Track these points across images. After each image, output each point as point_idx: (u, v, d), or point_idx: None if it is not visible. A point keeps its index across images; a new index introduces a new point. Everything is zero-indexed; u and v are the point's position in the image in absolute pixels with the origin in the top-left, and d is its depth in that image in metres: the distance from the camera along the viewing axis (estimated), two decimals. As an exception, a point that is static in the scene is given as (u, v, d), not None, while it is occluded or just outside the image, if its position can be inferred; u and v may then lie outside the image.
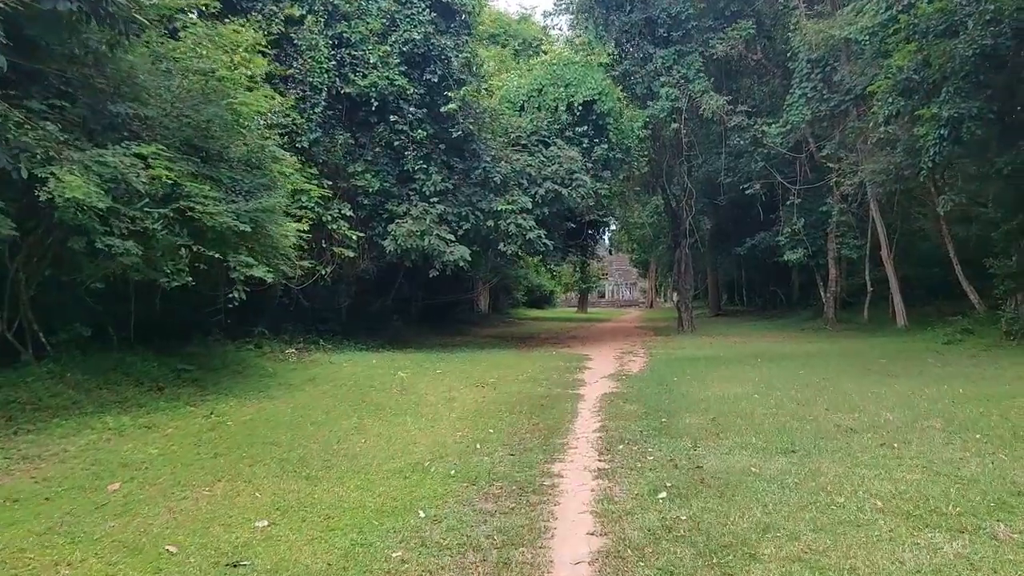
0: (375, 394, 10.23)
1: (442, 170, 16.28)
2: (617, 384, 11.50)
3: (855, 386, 10.19)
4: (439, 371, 13.15)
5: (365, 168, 15.37)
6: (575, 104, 18.74)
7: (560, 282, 65.24)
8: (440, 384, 11.44)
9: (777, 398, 9.29)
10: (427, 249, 15.20)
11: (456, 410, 9.16)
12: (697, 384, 10.99)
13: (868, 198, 20.45)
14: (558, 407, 9.25)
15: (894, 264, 20.58)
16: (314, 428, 7.86)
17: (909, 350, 15.64)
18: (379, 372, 12.53)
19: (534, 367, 14.00)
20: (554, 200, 17.77)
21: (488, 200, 16.85)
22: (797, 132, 20.36)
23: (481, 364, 14.48)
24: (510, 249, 16.94)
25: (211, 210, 8.61)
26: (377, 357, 14.97)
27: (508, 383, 11.60)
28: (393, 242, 15.08)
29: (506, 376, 12.51)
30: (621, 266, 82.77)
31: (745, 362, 14.02)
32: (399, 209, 15.60)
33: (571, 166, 17.69)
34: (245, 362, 12.47)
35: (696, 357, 15.50)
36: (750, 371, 12.54)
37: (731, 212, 31.93)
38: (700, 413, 8.44)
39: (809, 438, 6.87)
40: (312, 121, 14.52)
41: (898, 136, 15.53)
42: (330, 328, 17.90)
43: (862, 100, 18.92)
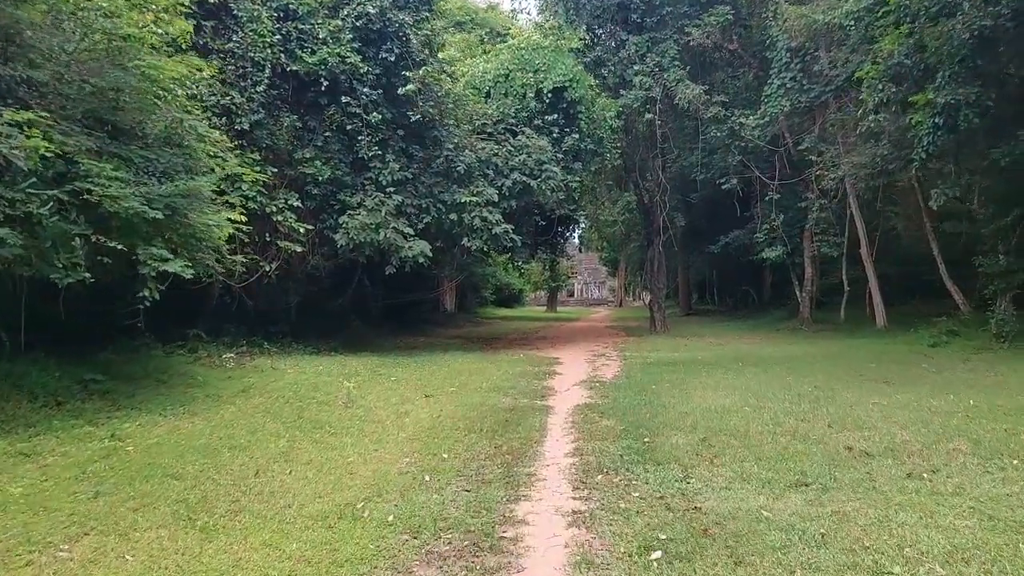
0: (315, 408, 8.94)
1: (400, 158, 14.98)
2: (590, 393, 10.36)
3: (853, 396, 9.19)
4: (394, 379, 11.88)
5: (315, 154, 14.00)
6: (544, 91, 17.57)
7: (529, 280, 64.23)
8: (393, 394, 10.18)
9: (771, 412, 8.23)
10: (383, 244, 13.90)
11: (407, 428, 7.92)
12: (678, 393, 9.91)
13: (847, 194, 19.65)
14: (525, 423, 8.06)
15: (874, 263, 19.82)
16: (232, 454, 6.55)
17: (895, 352, 14.81)
18: (326, 380, 11.21)
19: (499, 373, 12.81)
20: (522, 192, 16.58)
21: (451, 191, 15.60)
22: (775, 125, 19.48)
23: (442, 370, 13.25)
24: (475, 244, 15.70)
25: (113, 193, 7.24)
26: (328, 362, 13.63)
27: (470, 392, 10.39)
28: (345, 236, 13.74)
29: (468, 384, 11.30)
30: (590, 265, 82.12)
31: (726, 367, 13.00)
32: (352, 200, 14.26)
33: (540, 156, 16.52)
34: (172, 370, 11.05)
35: (673, 361, 14.46)
36: (734, 377, 11.52)
37: (704, 210, 31.11)
38: (687, 431, 7.33)
39: (820, 465, 5.79)
40: (253, 101, 13.11)
41: (884, 127, 14.69)
42: (279, 330, 16.47)
43: (843, 91, 18.11)
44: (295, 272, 15.02)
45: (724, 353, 16.05)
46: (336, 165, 14.30)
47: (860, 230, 19.85)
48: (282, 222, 13.42)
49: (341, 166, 14.40)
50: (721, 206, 30.57)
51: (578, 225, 41.69)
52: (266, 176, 13.20)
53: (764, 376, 11.55)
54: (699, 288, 45.34)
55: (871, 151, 15.41)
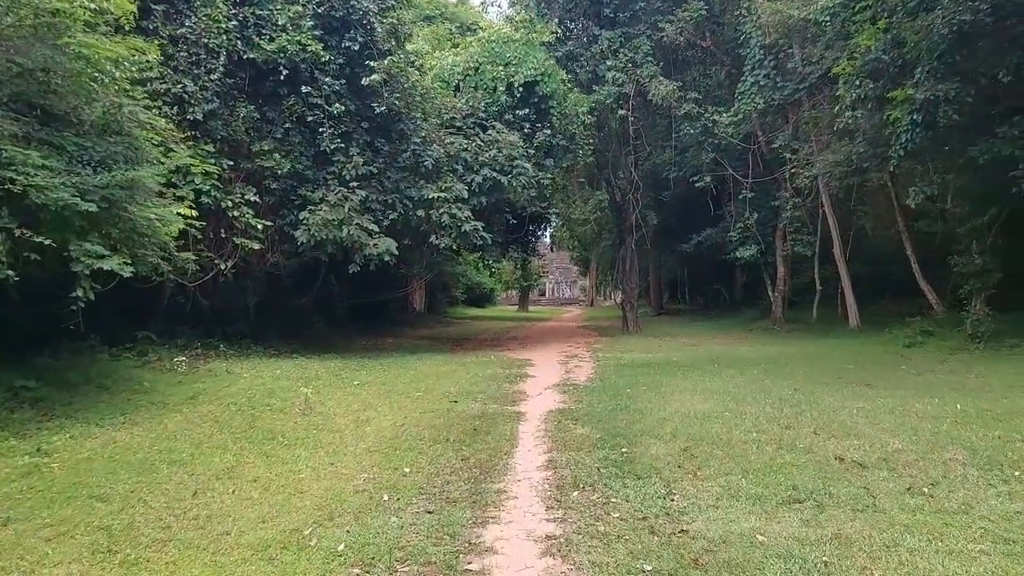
0: (269, 417, 8.31)
1: (365, 152, 14.35)
2: (564, 397, 9.88)
3: (835, 400, 8.84)
4: (357, 383, 11.28)
5: (274, 147, 13.30)
6: (515, 85, 17.08)
7: (500, 280, 63.73)
8: (354, 400, 9.59)
9: (753, 417, 7.83)
10: (346, 241, 13.26)
11: (367, 438, 7.35)
12: (655, 397, 9.47)
13: (820, 193, 19.50)
14: (495, 431, 7.54)
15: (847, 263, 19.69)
16: (170, 471, 5.93)
17: (871, 353, 14.61)
18: (283, 385, 10.57)
19: (468, 376, 12.28)
20: (493, 189, 16.06)
21: (418, 187, 15.01)
22: (749, 122, 19.23)
23: (408, 373, 12.67)
24: (443, 242, 15.13)
25: (40, 183, 6.56)
26: (287, 365, 12.96)
27: (436, 398, 9.84)
28: (306, 232, 13.07)
29: (435, 388, 10.74)
30: (561, 264, 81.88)
31: (702, 368, 12.63)
32: (314, 195, 13.59)
33: (511, 152, 16.01)
34: (117, 375, 10.31)
35: (647, 362, 14.06)
36: (710, 380, 11.14)
37: (676, 208, 30.92)
38: (667, 439, 6.88)
39: (812, 479, 5.37)
40: (207, 90, 12.38)
41: (860, 125, 14.46)
42: (237, 331, 15.73)
43: (817, 89, 17.92)
44: (253, 271, 14.32)
45: (698, 354, 15.71)
46: (297, 158, 13.63)
47: (833, 229, 19.70)
48: (238, 218, 12.73)
49: (302, 159, 13.73)
50: (693, 204, 30.38)
51: (550, 224, 41.36)
52: (220, 169, 12.51)
53: (741, 379, 11.18)
54: (670, 287, 45.23)
55: (846, 149, 15.18)
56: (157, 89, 12.12)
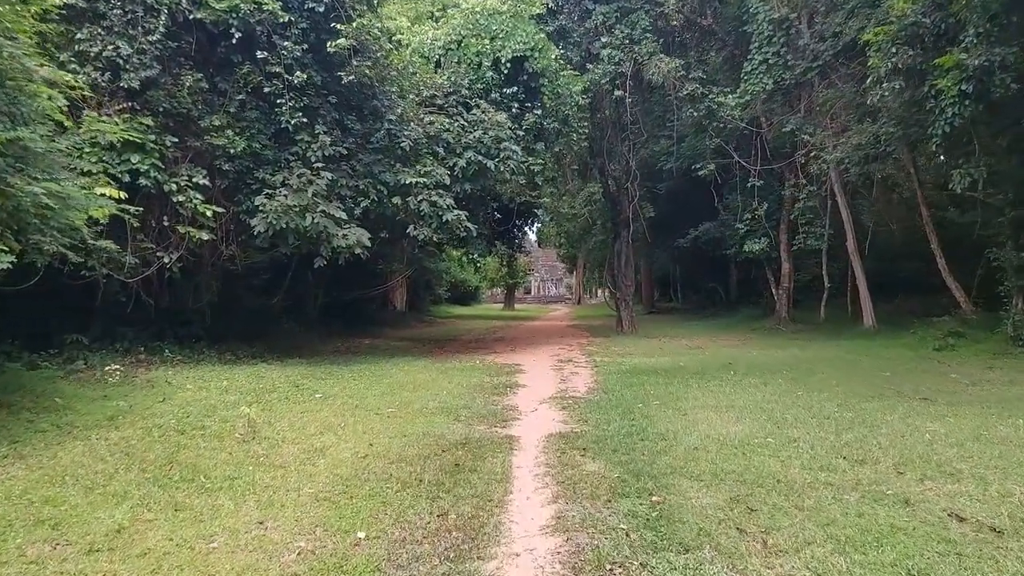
0: (199, 445, 6.61)
1: (333, 130, 12.64)
2: (564, 415, 8.26)
3: (898, 421, 7.31)
4: (320, 395, 9.59)
5: (227, 122, 11.54)
6: (502, 60, 15.41)
7: (486, 277, 62.12)
8: (312, 420, 7.89)
9: (807, 446, 6.25)
10: (310, 230, 11.53)
11: (317, 477, 5.68)
12: (674, 416, 7.89)
13: (832, 182, 18.03)
14: (482, 468, 5.90)
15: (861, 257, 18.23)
16: (25, 538, 4.23)
17: (901, 358, 13.13)
18: (230, 400, 8.86)
19: (451, 386, 10.62)
20: (477, 174, 14.40)
21: (394, 171, 13.32)
22: (757, 104, 17.71)
23: (382, 382, 10.99)
24: (422, 233, 13.43)
25: None
26: (243, 373, 11.24)
27: (411, 417, 8.18)
28: (263, 221, 11.33)
29: (411, 402, 9.07)
30: (548, 261, 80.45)
31: (718, 377, 11.07)
32: (275, 178, 11.86)
33: (498, 133, 14.35)
34: (28, 388, 8.54)
35: (653, 368, 12.47)
36: (732, 391, 9.58)
37: (670, 202, 29.41)
38: (708, 481, 5.28)
39: (937, 556, 3.78)
40: (146, 54, 10.61)
41: (887, 103, 12.95)
42: (190, 333, 13.98)
43: (831, 67, 16.41)
44: (206, 264, 12.57)
45: (707, 358, 14.17)
46: (254, 136, 11.88)
47: (846, 221, 18.25)
48: (184, 203, 10.98)
49: (260, 137, 11.98)
50: (689, 198, 28.88)
51: (537, 219, 39.70)
52: (163, 146, 10.78)
53: (768, 390, 9.62)
54: (661, 285, 43.80)
55: (871, 130, 13.67)
56: (86, 51, 10.38)
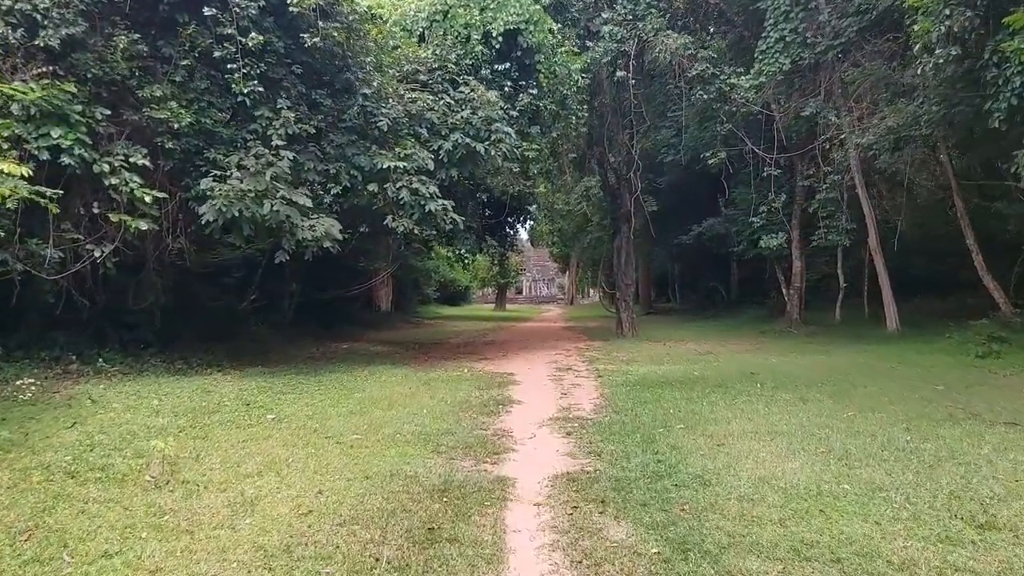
0: (90, 495, 4.96)
1: (299, 105, 11.00)
2: (570, 445, 6.65)
3: (994, 455, 5.77)
4: (273, 416, 7.94)
5: (171, 93, 9.88)
6: (493, 34, 13.81)
7: (476, 276, 60.52)
8: (254, 454, 6.25)
9: (900, 498, 4.69)
10: (269, 220, 9.88)
11: (237, 550, 4.04)
12: (708, 445, 6.32)
13: (853, 172, 16.52)
14: (464, 535, 4.27)
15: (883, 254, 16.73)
16: None
17: (944, 366, 11.61)
18: (158, 424, 7.22)
19: (433, 402, 9.00)
20: (465, 159, 12.76)
21: (370, 154, 11.69)
22: (769, 88, 16.16)
23: (352, 398, 9.35)
24: (401, 225, 11.78)
25: None
26: (188, 387, 9.58)
27: (380, 446, 6.55)
28: (213, 208, 9.65)
29: (382, 426, 7.45)
30: (539, 261, 78.98)
31: (744, 390, 9.50)
32: (229, 159, 10.19)
33: (489, 113, 12.73)
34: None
35: (666, 379, 10.89)
36: (767, 410, 8.02)
37: (670, 197, 27.83)
38: (787, 564, 3.69)
39: None
40: (68, 8, 8.94)
41: (927, 80, 11.43)
42: (139, 338, 12.31)
43: (856, 45, 14.89)
44: (149, 259, 10.89)
45: (723, 366, 12.61)
46: (203, 110, 10.22)
47: (868, 215, 16.73)
48: (119, 187, 9.30)
49: (212, 112, 10.32)
50: (692, 191, 27.42)
51: (530, 216, 37.99)
52: (92, 119, 9.12)
53: (809, 408, 8.06)
54: (659, 284, 42.28)
55: (908, 110, 12.15)
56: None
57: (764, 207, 17.81)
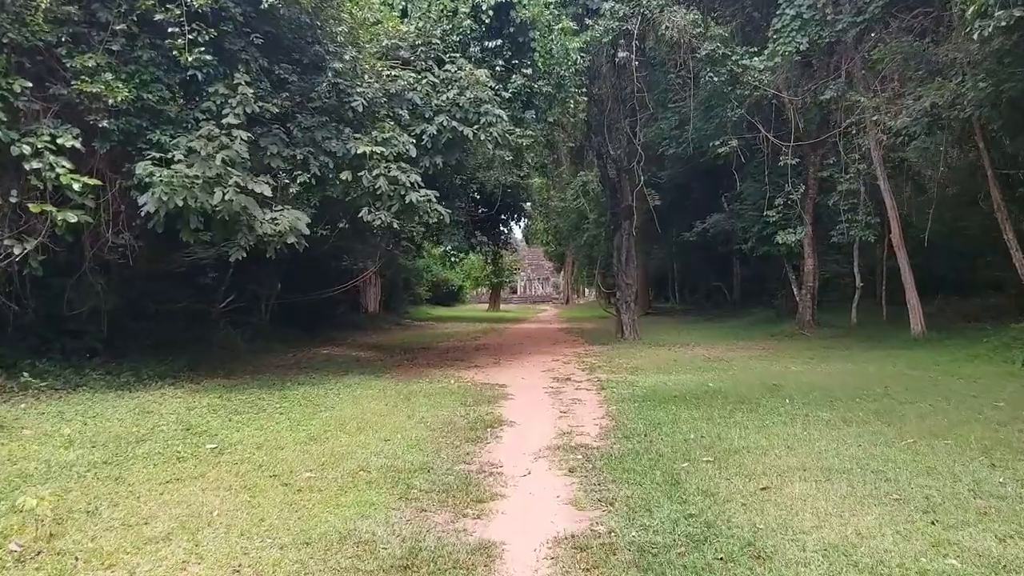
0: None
1: (260, 80, 9.65)
2: (573, 487, 5.32)
3: None
4: (215, 446, 6.59)
5: (106, 63, 8.51)
6: (483, 7, 12.47)
7: (470, 276, 59.20)
8: (168, 505, 4.89)
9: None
10: (221, 211, 8.51)
11: None
12: (748, 488, 5.02)
13: (875, 162, 15.23)
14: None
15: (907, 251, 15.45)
16: None
17: (992, 376, 10.32)
18: (64, 461, 5.86)
19: (410, 424, 7.67)
20: (452, 145, 11.44)
21: (343, 138, 10.34)
22: (783, 70, 14.83)
23: (316, 418, 8.00)
24: (379, 219, 10.42)
25: None
26: (126, 407, 8.23)
27: (335, 490, 5.21)
28: (153, 198, 8.27)
29: (344, 458, 6.11)
30: (534, 260, 77.71)
31: (770, 406, 8.20)
32: (178, 141, 8.81)
33: (478, 93, 11.39)
34: None
35: (678, 391, 9.57)
36: (806, 434, 6.72)
37: (671, 192, 26.61)
38: None
39: None
40: (-24, -42, 7.59)
41: (970, 55, 10.16)
42: (85, 347, 10.93)
43: (882, 20, 13.58)
44: (86, 257, 9.51)
45: (740, 376, 11.29)
46: (146, 84, 8.85)
47: (890, 209, 15.45)
48: (43, 172, 7.93)
49: (156, 86, 8.95)
50: (694, 187, 26.20)
51: (524, 213, 36.57)
52: (7, 91, 7.75)
53: (857, 433, 6.75)
54: (657, 284, 40.97)
55: (950, 87, 10.86)
56: None
57: (780, 199, 16.47)
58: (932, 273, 18.57)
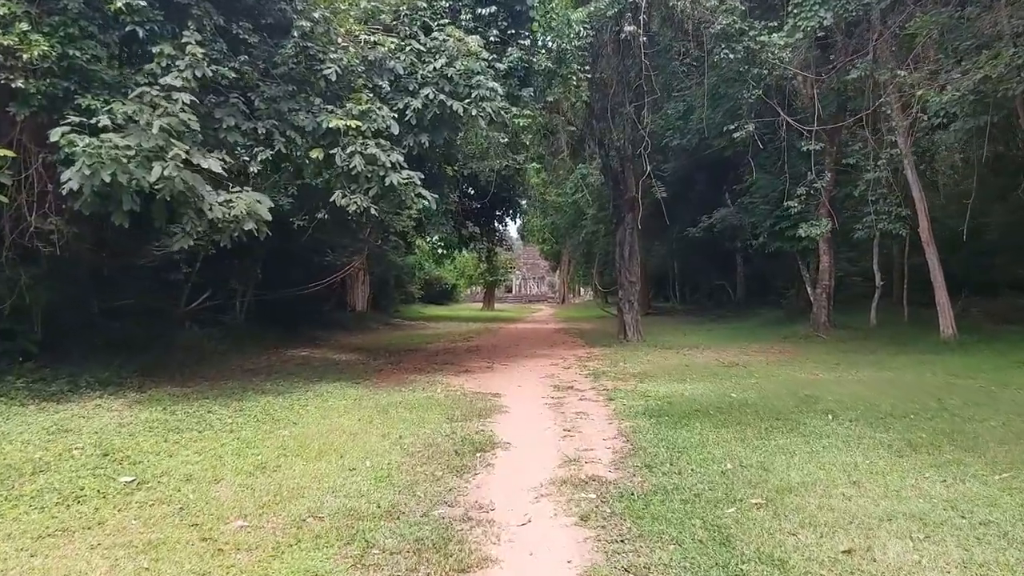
0: None
1: (214, 41, 8.29)
2: (588, 542, 4.01)
3: None
4: (132, 478, 5.25)
5: (23, 13, 7.14)
6: (477, -29, 11.16)
7: (464, 274, 57.90)
8: (39, 573, 3.55)
9: None
10: (162, 190, 7.15)
11: None
12: (819, 547, 3.75)
13: (901, 148, 13.96)
14: None
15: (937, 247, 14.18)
16: None
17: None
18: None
19: (383, 446, 6.34)
20: (440, 122, 10.09)
21: (313, 110, 8.99)
22: (810, 44, 13.52)
23: (271, 438, 6.67)
24: (354, 203, 9.06)
25: None
26: (39, 423, 6.89)
27: (268, 551, 3.88)
28: (79, 173, 6.91)
29: (292, 499, 4.79)
30: (529, 259, 76.47)
31: (816, 427, 6.91)
32: (113, 107, 7.45)
33: (469, 64, 10.05)
34: None
35: (699, 404, 8.25)
36: (869, 464, 5.45)
37: (673, 185, 25.25)
38: None
39: None
40: None
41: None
42: (17, 349, 9.55)
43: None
44: (4, 245, 8.14)
45: (764, 385, 9.98)
46: (74, 39, 7.48)
47: (918, 200, 14.18)
48: (-60, 141, 6.55)
49: (87, 43, 7.58)
50: (698, 180, 24.94)
51: (520, 210, 35.15)
52: None
53: (932, 464, 5.48)
54: (656, 283, 39.69)
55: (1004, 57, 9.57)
56: None
57: (803, 188, 15.17)
58: (951, 271, 17.36)
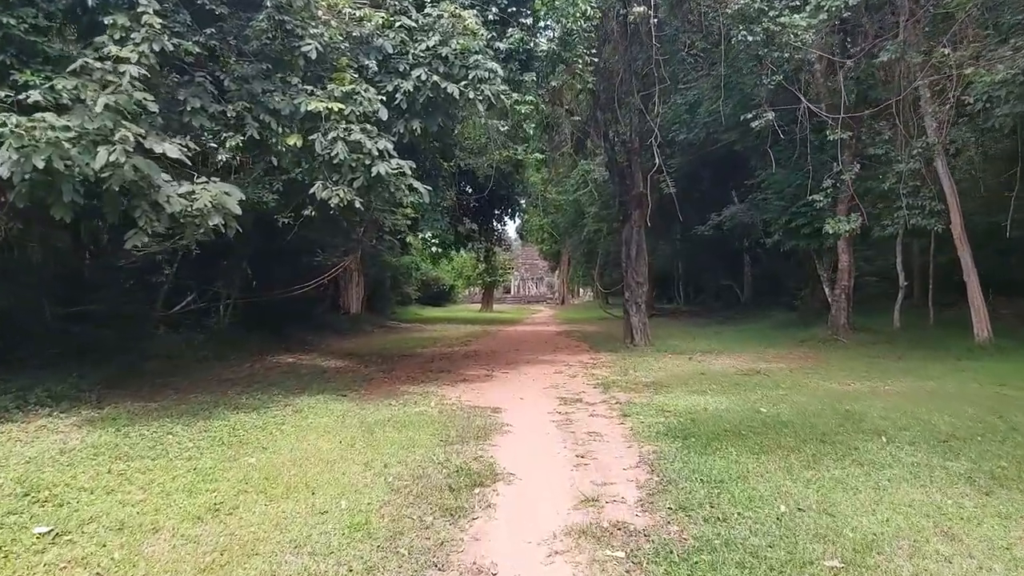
0: None
1: (176, 12, 7.30)
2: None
3: None
4: (47, 529, 4.25)
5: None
6: (474, -58, 10.16)
7: (462, 275, 56.95)
8: None
9: None
10: (110, 180, 6.15)
11: None
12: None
13: (931, 139, 12.98)
14: None
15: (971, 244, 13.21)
16: None
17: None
18: None
19: (365, 478, 5.36)
20: (434, 106, 9.09)
21: (291, 92, 8.00)
22: (835, 25, 12.53)
23: (231, 471, 5.66)
24: (336, 196, 8.07)
25: None
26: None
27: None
28: (7, 158, 5.92)
29: (239, 563, 3.79)
30: (528, 259, 75.55)
31: (869, 451, 5.93)
32: (55, 83, 6.46)
33: (466, 42, 9.06)
34: None
35: (728, 423, 7.25)
36: (952, 504, 4.52)
37: (680, 182, 24.30)
38: None
39: None
40: None
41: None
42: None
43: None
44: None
45: (794, 397, 8.98)
46: (9, 5, 6.49)
47: (950, 195, 13.20)
48: None
49: (25, 11, 6.59)
50: (704, 176, 23.98)
51: (519, 209, 34.12)
52: None
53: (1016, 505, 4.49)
54: (659, 283, 38.65)
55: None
56: None
57: (830, 181, 14.16)
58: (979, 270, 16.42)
